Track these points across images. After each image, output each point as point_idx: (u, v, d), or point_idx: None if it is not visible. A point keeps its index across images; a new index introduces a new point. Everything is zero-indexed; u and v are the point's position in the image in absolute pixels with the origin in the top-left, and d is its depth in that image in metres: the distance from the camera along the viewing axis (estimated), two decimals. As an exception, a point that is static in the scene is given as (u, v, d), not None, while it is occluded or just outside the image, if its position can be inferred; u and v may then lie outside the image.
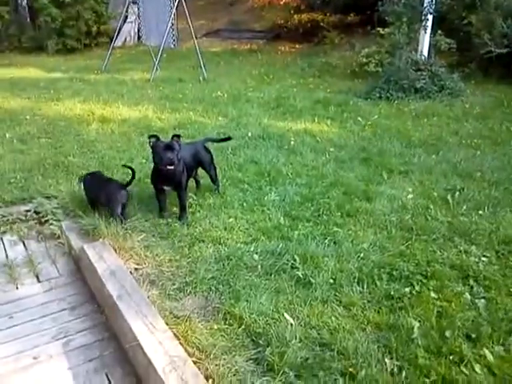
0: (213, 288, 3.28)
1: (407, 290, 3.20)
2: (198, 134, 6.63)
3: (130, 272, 3.42)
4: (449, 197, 4.60)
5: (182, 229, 4.08)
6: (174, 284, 3.34)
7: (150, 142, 4.16)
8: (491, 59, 10.28)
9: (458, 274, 3.40)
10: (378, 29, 11.20)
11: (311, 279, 3.30)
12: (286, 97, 9.02)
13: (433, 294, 3.13)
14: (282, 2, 15.43)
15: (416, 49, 9.98)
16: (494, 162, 5.60)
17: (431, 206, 4.40)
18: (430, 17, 9.82)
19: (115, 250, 3.61)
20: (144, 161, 5.50)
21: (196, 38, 11.12)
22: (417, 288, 3.21)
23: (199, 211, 4.42)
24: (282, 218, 4.23)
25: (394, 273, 3.40)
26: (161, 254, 3.70)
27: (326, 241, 3.84)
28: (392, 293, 3.17)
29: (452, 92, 9.19)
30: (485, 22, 10.30)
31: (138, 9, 11.53)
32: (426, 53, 10.00)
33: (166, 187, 4.31)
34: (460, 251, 3.69)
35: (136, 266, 3.54)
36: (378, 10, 10.53)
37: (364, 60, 11.15)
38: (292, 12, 15.45)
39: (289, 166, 5.51)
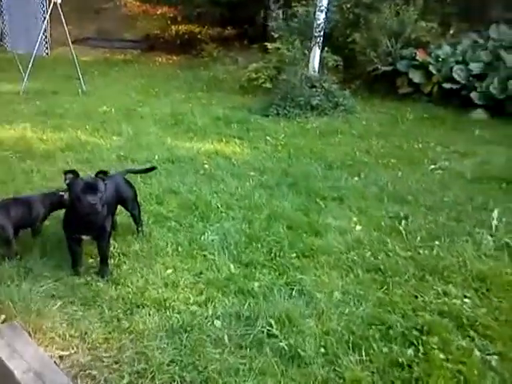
0: (177, 378, 2.48)
1: (411, 352, 2.72)
2: (95, 158, 5.63)
3: (55, 362, 2.48)
4: (398, 226, 4.27)
5: (109, 289, 3.19)
6: (122, 378, 2.46)
7: (65, 180, 3.20)
8: (377, 76, 10.55)
9: (452, 323, 3.01)
10: (266, 43, 10.94)
11: (299, 351, 2.65)
12: (182, 113, 8.27)
13: (441, 355, 2.68)
14: (158, 12, 14.56)
15: (307, 65, 9.84)
16: (419, 184, 5.43)
17: (387, 240, 4.02)
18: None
19: (30, 334, 2.62)
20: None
21: (68, 45, 9.84)
22: (420, 349, 2.74)
23: (125, 262, 3.55)
24: (231, 266, 3.54)
25: (387, 330, 2.88)
26: (91, 330, 2.79)
27: (294, 292, 3.24)
28: (397, 359, 2.65)
29: (346, 109, 9.16)
30: (369, 41, 10.54)
31: (1, 13, 9.93)
32: (317, 69, 9.92)
33: (84, 236, 3.36)
34: (439, 293, 3.33)
35: (61, 353, 2.59)
36: (254, 25, 10.30)
37: (253, 75, 10.78)
38: (169, 23, 14.67)
39: (214, 196, 4.82)
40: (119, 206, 3.85)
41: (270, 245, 3.84)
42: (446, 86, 9.49)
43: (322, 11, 9.56)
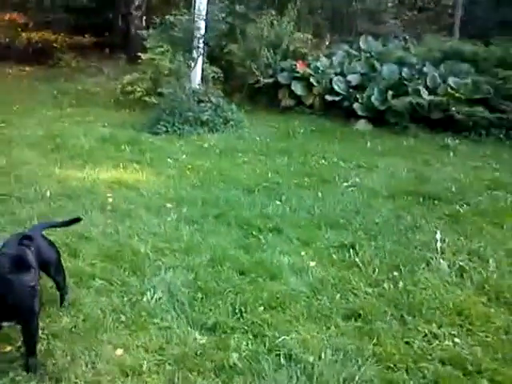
0: None
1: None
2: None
3: None
4: (351, 258, 3.99)
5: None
6: None
7: None
8: (258, 88, 10.38)
9: (458, 371, 2.76)
10: (140, 54, 10.17)
11: None
12: (59, 134, 7.22)
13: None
14: (6, 18, 12.85)
15: (190, 79, 9.30)
16: (342, 205, 5.25)
17: (348, 276, 3.70)
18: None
19: None
20: None
21: None
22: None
23: (57, 346, 2.72)
24: (196, 334, 2.92)
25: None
26: None
27: (282, 359, 2.73)
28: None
29: (236, 124, 8.82)
30: (247, 52, 10.33)
31: None
32: (199, 82, 9.43)
33: (6, 323, 2.50)
34: (427, 335, 3.07)
35: None
36: (114, 33, 9.57)
37: (129, 88, 9.93)
38: (20, 30, 13.05)
39: (137, 239, 4.09)
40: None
41: (230, 298, 3.28)
42: (328, 97, 9.62)
43: (201, 20, 9.07)
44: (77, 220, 3.42)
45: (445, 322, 3.19)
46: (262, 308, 3.21)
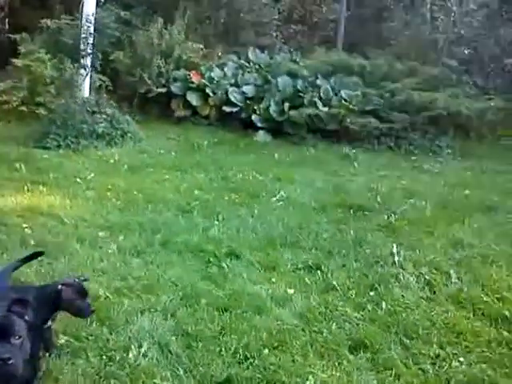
0: None
1: None
2: None
3: None
4: (325, 281, 3.85)
5: None
6: None
7: None
8: (149, 98, 9.87)
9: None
10: (14, 60, 9.05)
11: None
12: None
13: None
14: None
15: (78, 88, 8.48)
16: (281, 222, 5.10)
17: (333, 302, 3.54)
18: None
19: None
20: None
21: None
22: None
23: None
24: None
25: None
26: None
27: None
28: None
29: (133, 136, 8.24)
30: (136, 60, 9.77)
31: None
32: (87, 92, 8.67)
33: None
34: (432, 358, 3.03)
35: None
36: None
37: (2, 97, 8.77)
38: None
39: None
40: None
41: (228, 343, 2.91)
42: (226, 109, 9.46)
43: (91, 25, 8.33)
44: (40, 254, 2.79)
45: (443, 341, 3.17)
46: (266, 350, 2.89)
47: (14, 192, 5.11)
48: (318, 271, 3.98)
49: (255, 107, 9.29)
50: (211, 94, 9.61)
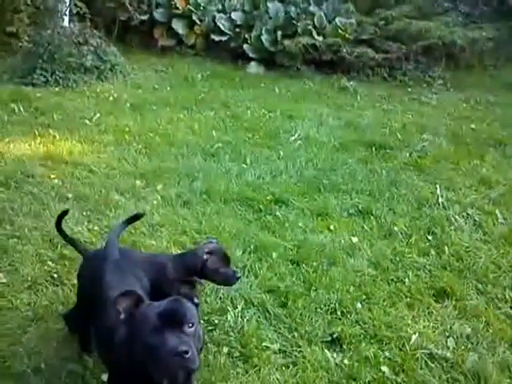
0: None
1: None
2: None
3: None
4: (383, 227, 3.81)
5: None
6: None
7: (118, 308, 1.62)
8: (130, 26, 9.19)
9: None
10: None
11: None
12: None
13: None
14: None
15: (61, 17, 7.76)
16: (311, 163, 4.99)
17: (397, 248, 3.52)
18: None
19: None
20: None
21: None
22: None
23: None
24: (327, 353, 2.48)
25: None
26: None
27: (427, 360, 2.49)
28: None
29: (122, 69, 7.73)
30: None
31: None
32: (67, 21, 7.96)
33: None
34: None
35: None
36: None
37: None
38: None
39: (151, 235, 3.32)
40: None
41: (320, 299, 2.86)
42: (215, 37, 8.95)
43: None
44: (140, 216, 2.57)
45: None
46: (359, 304, 2.87)
47: (24, 138, 4.72)
48: (371, 216, 3.94)
49: (246, 36, 8.83)
50: (198, 22, 9.03)
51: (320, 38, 8.65)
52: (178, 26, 9.03)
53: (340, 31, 8.72)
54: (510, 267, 3.39)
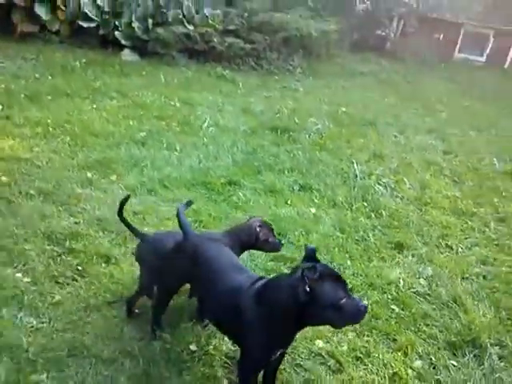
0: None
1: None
2: None
3: None
4: (327, 199, 4.40)
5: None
6: None
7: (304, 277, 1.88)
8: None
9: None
10: None
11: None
12: None
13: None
14: None
15: None
16: (234, 148, 5.37)
17: (348, 215, 4.15)
18: None
19: None
20: None
21: None
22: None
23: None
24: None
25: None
26: None
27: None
28: None
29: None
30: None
31: None
32: None
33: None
34: (451, 249, 3.94)
35: None
36: None
37: None
38: None
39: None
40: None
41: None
42: (83, 24, 8.64)
43: None
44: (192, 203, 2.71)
45: (439, 235, 4.08)
46: (348, 261, 3.39)
47: None
48: (313, 190, 4.50)
49: (116, 23, 8.68)
50: (62, 7, 8.57)
51: (191, 27, 8.91)
52: (41, 10, 8.46)
53: (210, 21, 9.08)
54: (434, 222, 4.22)
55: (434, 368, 2.62)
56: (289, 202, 4.19)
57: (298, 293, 1.89)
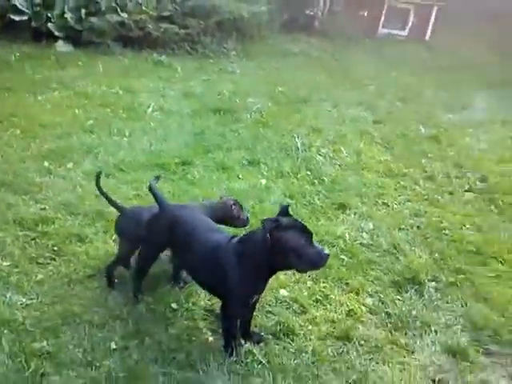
0: None
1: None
2: None
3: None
4: (277, 170, 4.76)
5: None
6: None
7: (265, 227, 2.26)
8: None
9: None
10: None
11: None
12: None
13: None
14: None
15: None
16: (182, 130, 5.62)
17: (299, 183, 4.54)
18: None
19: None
20: None
21: None
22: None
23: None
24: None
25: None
26: None
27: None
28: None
29: None
30: None
31: None
32: None
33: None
34: (387, 206, 4.42)
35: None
36: None
37: None
38: None
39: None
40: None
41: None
42: (15, 18, 8.51)
43: None
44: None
45: (376, 194, 4.56)
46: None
47: None
48: (261, 164, 4.86)
49: (49, 14, 8.59)
50: (-11, 0, 8.38)
51: (125, 15, 8.95)
52: (-34, 4, 8.22)
53: (143, 8, 9.15)
54: (370, 184, 4.69)
55: (382, 303, 3.05)
56: (240, 176, 4.52)
57: (261, 241, 2.23)
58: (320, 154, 5.24)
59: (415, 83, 9.54)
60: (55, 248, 3.08)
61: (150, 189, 2.71)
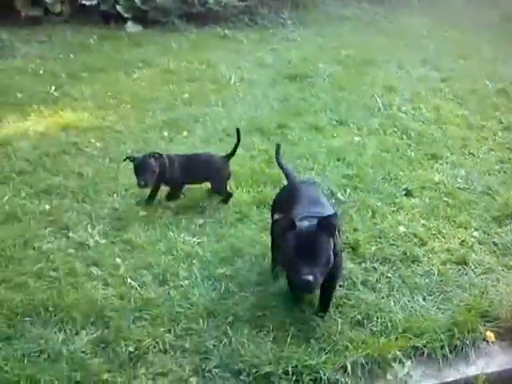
0: None
1: None
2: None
3: None
4: (350, 131, 5.20)
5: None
6: None
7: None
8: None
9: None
10: None
11: None
12: None
13: None
14: None
15: None
16: (270, 98, 6.07)
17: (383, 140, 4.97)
18: None
19: None
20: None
21: None
22: None
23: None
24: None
25: None
26: None
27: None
28: None
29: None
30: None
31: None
32: None
33: None
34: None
35: None
36: None
37: None
38: None
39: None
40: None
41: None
42: (86, 2, 9.06)
43: None
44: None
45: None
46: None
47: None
48: (350, 124, 5.32)
49: (115, -3, 9.11)
50: (63, -12, 8.95)
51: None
52: (44, -7, 8.82)
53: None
54: (454, 136, 5.08)
55: (488, 235, 3.51)
56: (334, 135, 4.99)
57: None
58: (401, 112, 5.64)
59: (470, 40, 9.63)
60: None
61: (279, 164, 3.19)
